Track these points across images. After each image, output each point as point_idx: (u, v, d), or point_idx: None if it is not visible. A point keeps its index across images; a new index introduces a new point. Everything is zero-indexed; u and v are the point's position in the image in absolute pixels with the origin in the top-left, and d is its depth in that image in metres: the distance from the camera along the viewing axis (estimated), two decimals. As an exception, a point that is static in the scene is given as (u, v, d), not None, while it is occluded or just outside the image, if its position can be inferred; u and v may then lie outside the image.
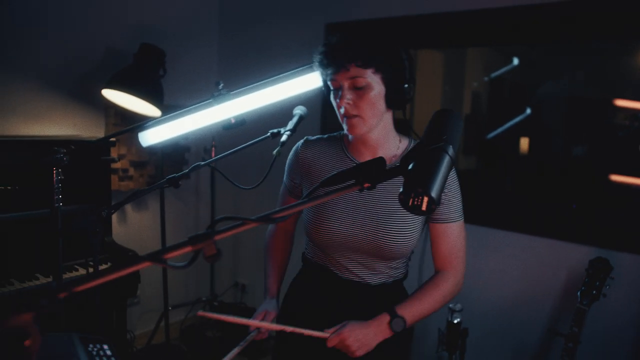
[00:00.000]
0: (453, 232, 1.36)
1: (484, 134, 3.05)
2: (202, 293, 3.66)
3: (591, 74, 2.71)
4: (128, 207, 3.29)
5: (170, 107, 3.01)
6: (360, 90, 1.27)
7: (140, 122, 2.65)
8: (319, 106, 3.05)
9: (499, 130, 3.01)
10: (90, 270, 2.45)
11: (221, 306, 3.52)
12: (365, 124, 1.29)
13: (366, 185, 0.75)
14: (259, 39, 3.42)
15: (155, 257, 0.64)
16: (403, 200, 0.75)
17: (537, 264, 2.36)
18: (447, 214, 1.35)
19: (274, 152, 1.65)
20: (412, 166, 0.77)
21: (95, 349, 1.16)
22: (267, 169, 1.53)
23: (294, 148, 1.55)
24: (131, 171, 3.18)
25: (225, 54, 3.65)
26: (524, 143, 3.00)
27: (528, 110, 2.97)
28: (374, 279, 1.39)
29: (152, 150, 3.26)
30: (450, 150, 0.79)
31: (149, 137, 1.74)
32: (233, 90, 1.79)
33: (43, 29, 2.70)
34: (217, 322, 3.43)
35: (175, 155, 3.44)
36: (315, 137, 1.53)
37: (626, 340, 2.16)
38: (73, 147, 1.81)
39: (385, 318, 1.30)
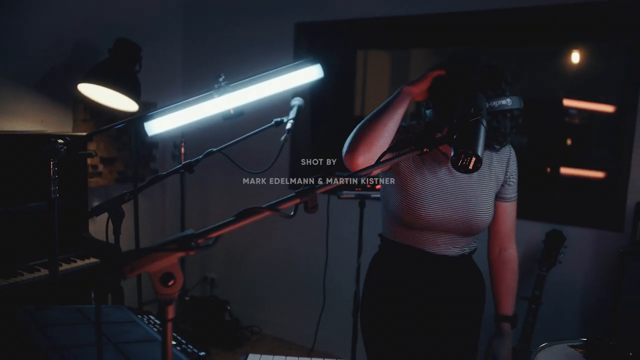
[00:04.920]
0: (514, 209, 1.56)
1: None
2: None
3: (531, 76, 3.06)
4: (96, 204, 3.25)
5: (144, 104, 3.03)
6: None
7: (115, 118, 2.68)
8: (308, 98, 3.25)
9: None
10: (74, 264, 2.45)
11: (192, 300, 3.56)
12: None
13: (425, 149, 0.91)
14: (227, 37, 3.50)
15: (273, 207, 0.77)
16: (454, 161, 0.93)
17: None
18: (513, 193, 1.54)
19: (282, 138, 1.78)
20: (458, 135, 0.94)
21: (145, 318, 1.24)
22: (232, 159, 1.67)
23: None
24: (100, 167, 3.16)
25: (191, 52, 3.69)
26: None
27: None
28: (456, 252, 1.52)
29: (120, 147, 3.26)
30: (484, 122, 0.98)
31: (154, 127, 1.80)
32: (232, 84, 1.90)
33: (5, 22, 2.64)
34: (189, 315, 3.47)
35: (143, 150, 3.45)
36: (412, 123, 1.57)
37: (578, 299, 2.50)
38: (69, 138, 1.84)
39: (507, 326, 1.58)
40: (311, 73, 1.90)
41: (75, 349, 0.92)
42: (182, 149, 3.38)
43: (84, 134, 2.37)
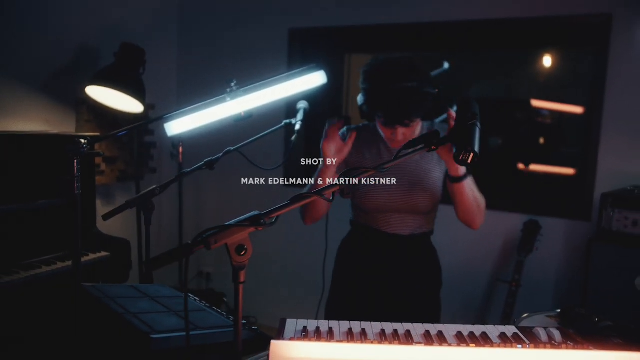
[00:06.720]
0: (469, 185, 1.72)
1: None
2: (169, 283, 3.81)
3: (504, 78, 3.33)
4: (98, 203, 3.38)
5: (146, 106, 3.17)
6: (410, 127, 1.63)
7: (117, 119, 2.80)
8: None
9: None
10: (87, 258, 2.59)
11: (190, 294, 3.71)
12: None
13: (433, 147, 1.13)
14: (223, 41, 3.67)
15: (320, 193, 0.97)
16: (455, 156, 1.14)
17: (481, 230, 2.90)
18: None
19: (292, 138, 1.97)
20: (458, 136, 1.16)
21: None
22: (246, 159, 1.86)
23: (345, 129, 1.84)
24: (103, 166, 3.29)
25: (186, 55, 3.84)
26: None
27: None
28: (407, 231, 1.77)
29: (121, 147, 3.39)
30: (479, 124, 1.19)
31: (174, 128, 1.97)
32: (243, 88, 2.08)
33: (12, 25, 2.75)
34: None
35: (142, 150, 3.59)
36: (354, 126, 1.86)
37: (553, 280, 2.78)
38: (90, 138, 1.99)
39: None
40: (316, 79, 2.10)
41: (147, 314, 1.10)
42: (180, 149, 3.54)
43: (98, 134, 2.52)
